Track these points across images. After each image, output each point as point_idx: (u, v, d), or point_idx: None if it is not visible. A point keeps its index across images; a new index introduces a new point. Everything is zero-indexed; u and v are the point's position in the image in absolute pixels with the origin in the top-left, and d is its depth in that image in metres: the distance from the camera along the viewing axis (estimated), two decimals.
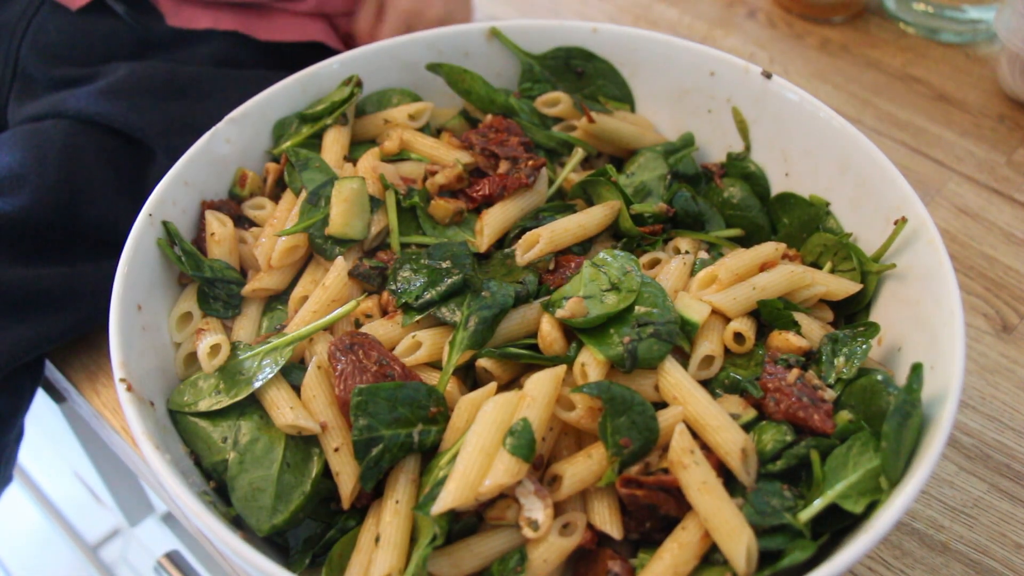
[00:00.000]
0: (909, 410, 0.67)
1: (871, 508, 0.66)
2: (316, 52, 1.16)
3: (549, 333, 0.76)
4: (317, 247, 0.85)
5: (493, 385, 0.74)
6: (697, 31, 1.44)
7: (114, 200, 1.01)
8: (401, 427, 0.71)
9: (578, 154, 0.95)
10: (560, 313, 0.75)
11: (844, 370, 0.75)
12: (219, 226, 0.87)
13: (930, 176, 1.21)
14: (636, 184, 0.93)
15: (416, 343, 0.78)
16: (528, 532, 0.67)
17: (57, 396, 1.08)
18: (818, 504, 0.67)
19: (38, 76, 1.10)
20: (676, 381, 0.72)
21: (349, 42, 1.21)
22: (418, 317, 0.79)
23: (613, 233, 0.89)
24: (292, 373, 0.78)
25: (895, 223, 0.81)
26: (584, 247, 0.86)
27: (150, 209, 0.84)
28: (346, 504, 0.72)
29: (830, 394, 0.74)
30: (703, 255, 0.86)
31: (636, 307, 0.75)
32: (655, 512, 0.69)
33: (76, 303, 0.98)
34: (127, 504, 1.47)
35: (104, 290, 0.79)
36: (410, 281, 0.81)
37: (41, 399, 1.05)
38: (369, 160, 0.92)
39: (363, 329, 0.80)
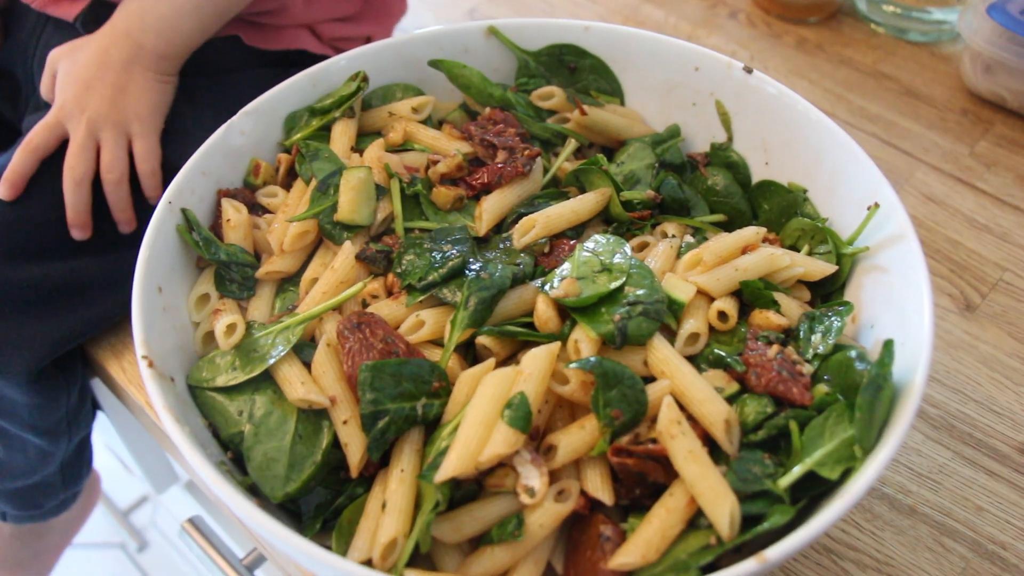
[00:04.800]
0: (881, 383, 0.66)
1: (846, 475, 0.65)
2: (300, 53, 1.13)
3: (544, 312, 0.75)
4: (326, 232, 0.84)
5: (492, 361, 0.73)
6: (682, 31, 1.42)
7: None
8: (406, 401, 0.70)
9: (571, 144, 0.93)
10: (554, 293, 0.74)
11: (821, 346, 0.74)
12: (234, 213, 0.85)
13: (899, 166, 1.20)
14: (626, 172, 0.91)
15: (419, 322, 0.77)
16: (525, 498, 0.66)
17: (87, 372, 1.07)
18: (797, 471, 0.66)
19: None
20: (664, 357, 0.71)
21: (336, 46, 1.18)
22: (421, 298, 0.78)
23: (604, 218, 0.87)
24: (303, 350, 0.77)
25: (868, 209, 0.80)
26: (577, 231, 0.85)
27: (170, 197, 0.82)
28: (354, 473, 0.71)
29: (808, 368, 0.73)
30: (689, 239, 0.85)
31: (626, 287, 0.73)
32: (644, 479, 0.68)
33: (116, 289, 0.97)
34: (153, 473, 1.46)
35: None
36: (414, 264, 0.79)
37: None
38: (375, 151, 0.90)
39: (370, 309, 0.79)
